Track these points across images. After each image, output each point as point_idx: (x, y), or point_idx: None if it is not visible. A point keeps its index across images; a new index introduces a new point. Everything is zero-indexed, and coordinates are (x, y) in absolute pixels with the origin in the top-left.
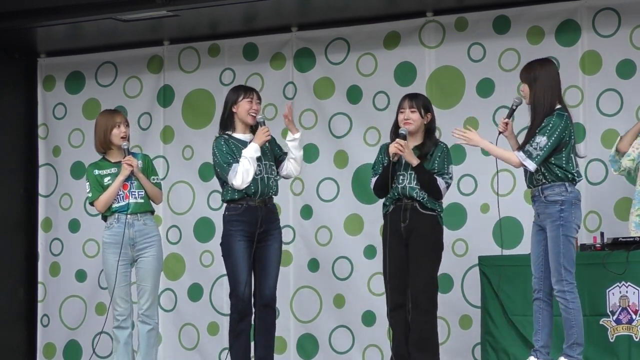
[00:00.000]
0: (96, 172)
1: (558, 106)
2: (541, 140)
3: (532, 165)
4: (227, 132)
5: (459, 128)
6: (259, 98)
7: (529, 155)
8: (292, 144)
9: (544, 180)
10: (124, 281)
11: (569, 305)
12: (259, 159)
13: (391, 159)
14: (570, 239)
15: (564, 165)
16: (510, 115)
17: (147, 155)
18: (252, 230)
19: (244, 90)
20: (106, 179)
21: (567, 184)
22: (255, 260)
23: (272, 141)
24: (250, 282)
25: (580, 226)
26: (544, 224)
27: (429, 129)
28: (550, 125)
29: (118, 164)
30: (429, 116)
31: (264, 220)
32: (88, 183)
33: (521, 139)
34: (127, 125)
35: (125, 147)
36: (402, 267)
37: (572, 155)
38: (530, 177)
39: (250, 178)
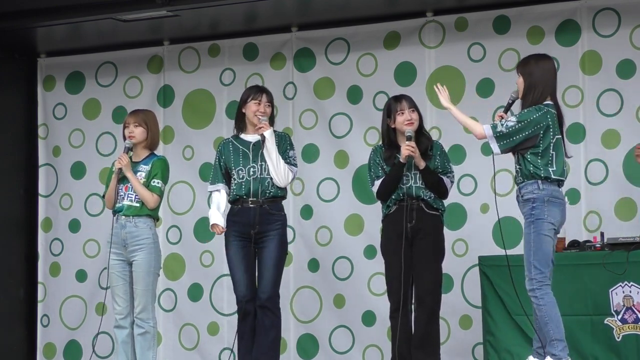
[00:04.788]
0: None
1: (549, 102)
2: (510, 119)
3: (492, 138)
4: (235, 134)
5: (438, 86)
6: (270, 101)
7: (494, 128)
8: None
9: (521, 178)
10: (121, 280)
11: (539, 302)
12: (254, 160)
13: (403, 161)
14: (542, 237)
15: (538, 162)
16: (508, 109)
17: (163, 159)
18: (246, 231)
19: (254, 91)
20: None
21: (539, 181)
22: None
23: (280, 144)
24: (246, 282)
25: (562, 225)
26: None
27: (420, 127)
28: (525, 112)
29: (136, 163)
30: (419, 115)
31: (258, 221)
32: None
33: None
34: (138, 126)
35: (128, 145)
36: (407, 266)
37: (552, 152)
38: (515, 177)
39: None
